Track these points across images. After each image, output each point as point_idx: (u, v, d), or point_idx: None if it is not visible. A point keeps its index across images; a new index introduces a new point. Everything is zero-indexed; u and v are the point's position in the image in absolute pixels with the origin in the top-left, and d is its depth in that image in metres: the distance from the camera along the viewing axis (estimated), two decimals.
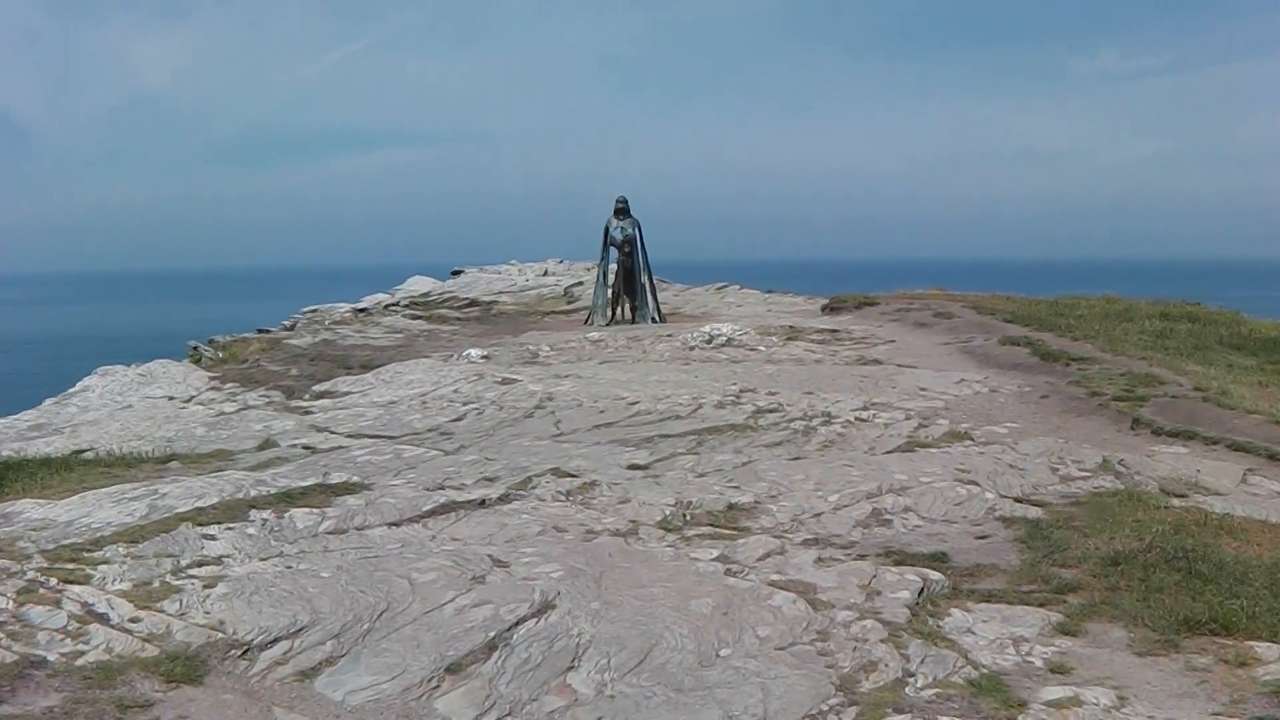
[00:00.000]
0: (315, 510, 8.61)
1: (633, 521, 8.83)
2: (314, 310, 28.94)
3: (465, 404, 15.01)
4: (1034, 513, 9.46)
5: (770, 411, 13.65)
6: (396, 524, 8.47)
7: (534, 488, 9.84)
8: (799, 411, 13.68)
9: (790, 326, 21.43)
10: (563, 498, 9.58)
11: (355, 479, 9.72)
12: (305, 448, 12.86)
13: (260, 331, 26.31)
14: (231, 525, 8.20)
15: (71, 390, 21.07)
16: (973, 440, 12.35)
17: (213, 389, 19.79)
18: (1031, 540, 8.65)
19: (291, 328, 26.80)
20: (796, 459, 11.17)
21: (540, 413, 14.16)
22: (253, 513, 8.46)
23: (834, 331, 20.92)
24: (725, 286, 31.72)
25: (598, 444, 12.13)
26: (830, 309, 25.22)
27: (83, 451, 13.91)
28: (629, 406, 14.19)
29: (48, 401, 19.23)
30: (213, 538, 7.97)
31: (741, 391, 14.96)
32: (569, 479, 10.18)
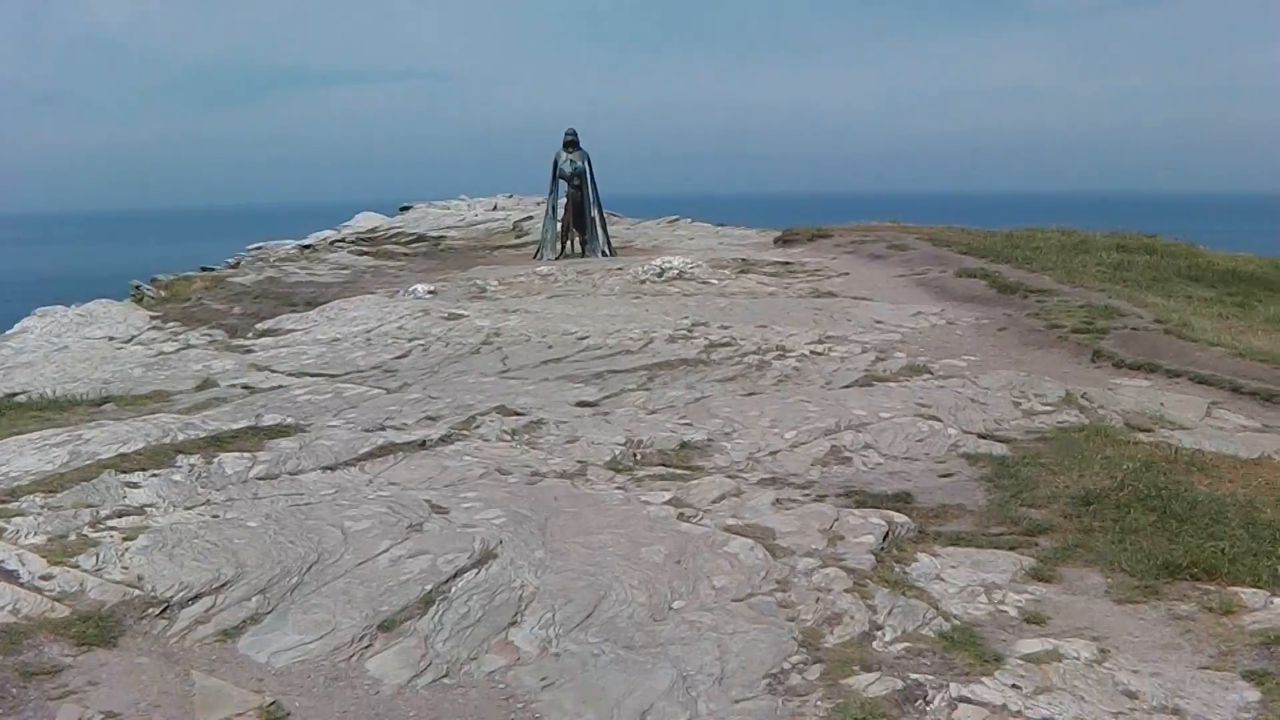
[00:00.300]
0: (246, 454, 8.10)
1: (580, 462, 8.35)
2: (259, 248, 28.24)
3: (410, 340, 14.52)
4: (999, 449, 9.07)
5: (723, 346, 13.19)
6: (331, 468, 7.98)
7: (478, 427, 9.36)
8: (752, 345, 13.23)
9: (743, 259, 20.93)
10: (508, 437, 9.11)
11: (290, 420, 9.16)
12: (244, 387, 12.36)
13: (204, 270, 25.66)
14: (157, 472, 7.70)
15: (9, 332, 20.45)
16: (931, 374, 11.94)
17: (154, 328, 19.20)
18: (998, 479, 8.27)
19: (236, 265, 26.14)
20: (751, 394, 10.72)
21: (487, 349, 13.67)
22: (180, 458, 7.95)
23: (787, 264, 20.43)
24: (677, 220, 31.16)
25: (545, 380, 11.66)
26: (783, 241, 24.72)
27: (15, 395, 13.36)
28: (578, 341, 13.71)
29: None
30: (136, 485, 7.48)
31: (693, 325, 14.49)
32: (515, 417, 9.70)
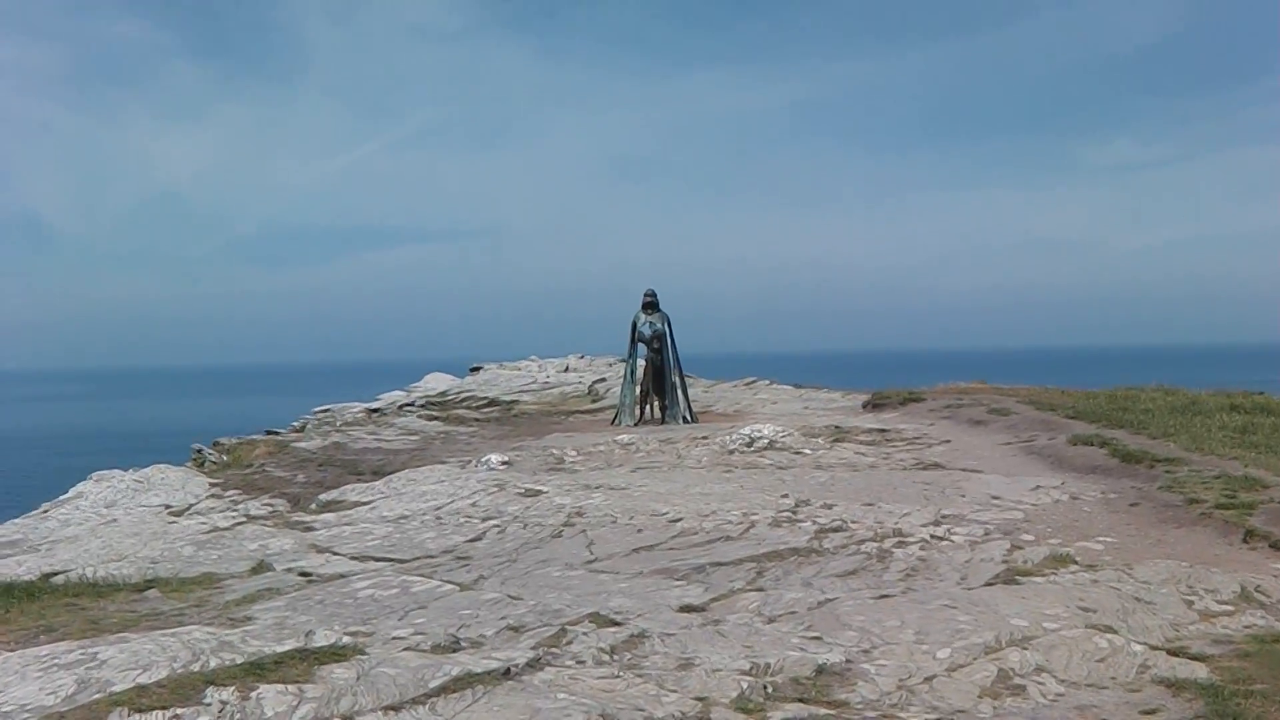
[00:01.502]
0: (291, 688, 6.43)
1: (700, 700, 6.60)
2: (326, 410, 26.93)
3: (485, 520, 12.98)
4: (1198, 671, 7.31)
5: (834, 531, 11.52)
6: (395, 708, 6.28)
7: (569, 642, 7.68)
8: (866, 530, 11.57)
9: (835, 426, 19.29)
10: (606, 658, 7.42)
11: (345, 640, 7.41)
12: (301, 574, 10.88)
13: (268, 433, 24.31)
14: (180, 711, 6.06)
15: (64, 496, 19.18)
16: (1078, 564, 10.22)
17: (213, 496, 17.89)
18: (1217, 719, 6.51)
19: (301, 429, 24.80)
20: (883, 596, 8.99)
21: (569, 531, 12.09)
22: (209, 692, 6.30)
23: (883, 431, 18.80)
24: (755, 381, 29.64)
25: (640, 574, 10.01)
26: (873, 406, 23.09)
27: (54, 575, 11.91)
28: (670, 525, 12.10)
29: (26, 515, 17.27)
30: None
31: (796, 505, 12.85)
32: (611, 629, 8.03)
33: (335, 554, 11.84)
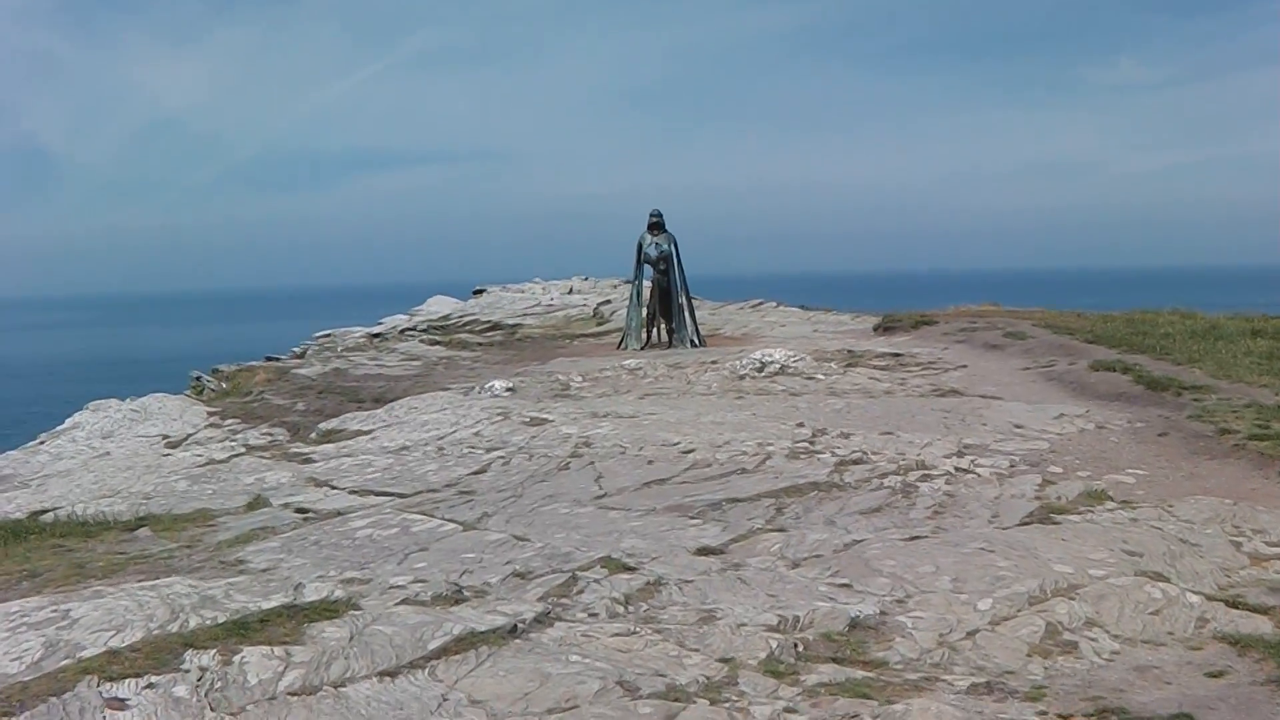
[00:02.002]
0: (278, 650, 5.79)
1: (726, 662, 5.97)
2: (327, 335, 26.26)
3: (489, 450, 12.37)
4: (1261, 626, 6.67)
5: (855, 463, 10.87)
6: (391, 674, 5.64)
7: (580, 592, 7.05)
8: (888, 461, 10.92)
9: (848, 350, 18.60)
10: (621, 609, 6.79)
11: (338, 594, 6.75)
12: (299, 510, 10.31)
13: (268, 359, 23.67)
14: (154, 680, 5.43)
15: (61, 427, 18.62)
16: (1114, 501, 9.59)
17: (211, 425, 17.31)
18: None
19: (302, 355, 24.15)
20: (913, 538, 8.32)
21: (577, 463, 11.46)
22: (188, 656, 5.66)
23: (897, 355, 18.12)
24: (761, 304, 28.94)
25: (652, 511, 9.38)
26: (884, 329, 22.36)
27: (43, 513, 11.36)
28: (683, 456, 11.46)
29: (22, 448, 16.71)
30: (123, 705, 5.24)
31: (813, 434, 12.21)
32: (625, 575, 7.40)
33: (334, 488, 11.29)
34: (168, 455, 14.63)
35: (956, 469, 10.72)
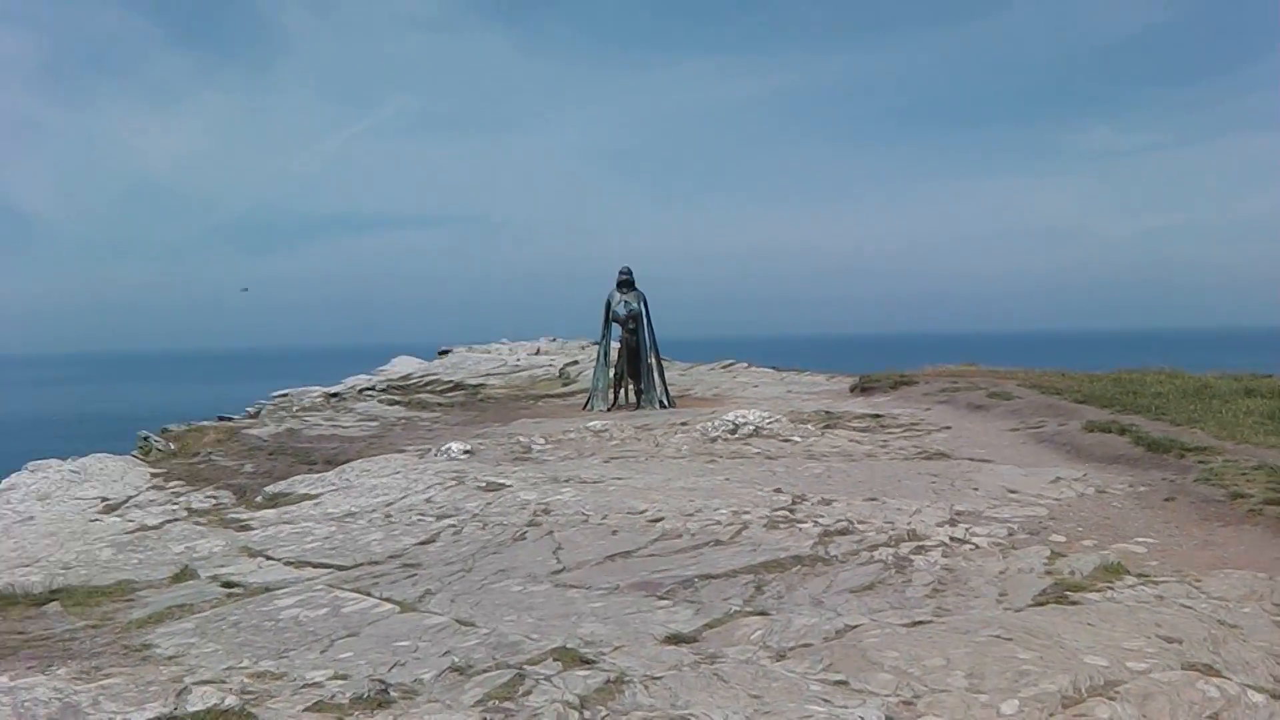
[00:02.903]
0: None
1: None
2: (284, 395, 25.03)
3: (440, 518, 11.19)
4: None
5: (840, 534, 9.68)
6: None
7: (528, 693, 5.82)
8: (876, 531, 9.75)
9: (825, 412, 17.48)
10: (575, 718, 5.58)
11: (229, 702, 5.47)
12: (225, 584, 9.17)
13: (220, 419, 22.38)
14: None
15: None
16: (1134, 576, 8.41)
17: (154, 488, 16.02)
18: None
19: (256, 415, 22.89)
20: (916, 624, 7.11)
21: (534, 533, 10.25)
22: None
23: (877, 416, 16.99)
24: (733, 364, 27.83)
25: (616, 590, 8.17)
26: (862, 389, 21.23)
27: None
28: (650, 525, 10.27)
29: None
30: None
31: (792, 501, 11.05)
32: (582, 669, 6.18)
33: (269, 558, 10.11)
34: (95, 521, 13.36)
35: (952, 539, 9.57)
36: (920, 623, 7.11)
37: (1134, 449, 13.50)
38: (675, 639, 6.87)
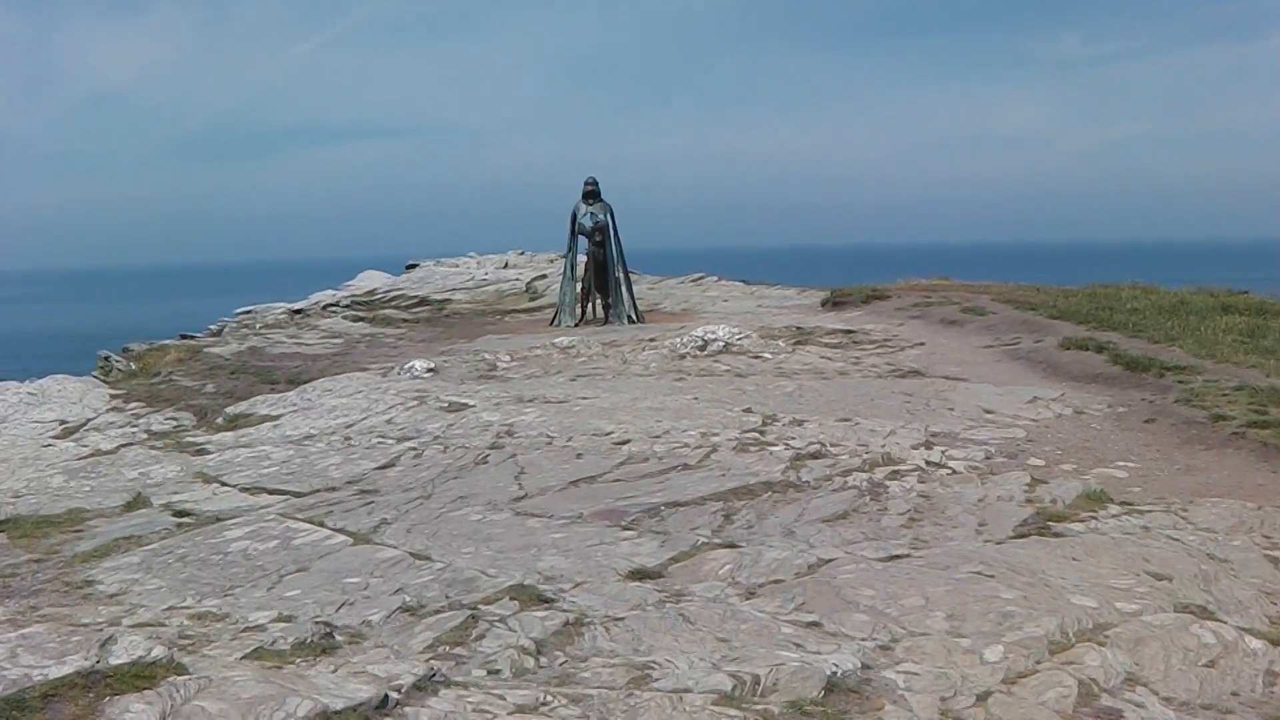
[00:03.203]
0: None
1: None
2: (248, 311, 24.50)
3: (400, 441, 10.80)
4: None
5: (812, 457, 9.29)
6: None
7: (481, 637, 5.44)
8: (849, 455, 9.38)
9: (796, 327, 17.06)
10: (531, 664, 5.18)
11: (157, 653, 5.05)
12: (177, 513, 8.75)
13: (182, 337, 21.86)
14: None
15: None
16: (1118, 505, 8.07)
17: (113, 410, 15.54)
18: None
19: (218, 333, 22.37)
20: (892, 558, 6.73)
21: (496, 456, 9.87)
22: None
23: (849, 332, 16.59)
24: (703, 278, 27.34)
25: (579, 519, 7.79)
26: (833, 304, 20.79)
27: None
28: (616, 448, 9.88)
29: None
30: None
31: (763, 421, 10.67)
32: (540, 609, 5.79)
33: (224, 484, 9.76)
34: (49, 446, 12.91)
35: (928, 463, 9.22)
36: (897, 556, 6.74)
37: (1112, 367, 13.14)
38: (639, 574, 6.50)
